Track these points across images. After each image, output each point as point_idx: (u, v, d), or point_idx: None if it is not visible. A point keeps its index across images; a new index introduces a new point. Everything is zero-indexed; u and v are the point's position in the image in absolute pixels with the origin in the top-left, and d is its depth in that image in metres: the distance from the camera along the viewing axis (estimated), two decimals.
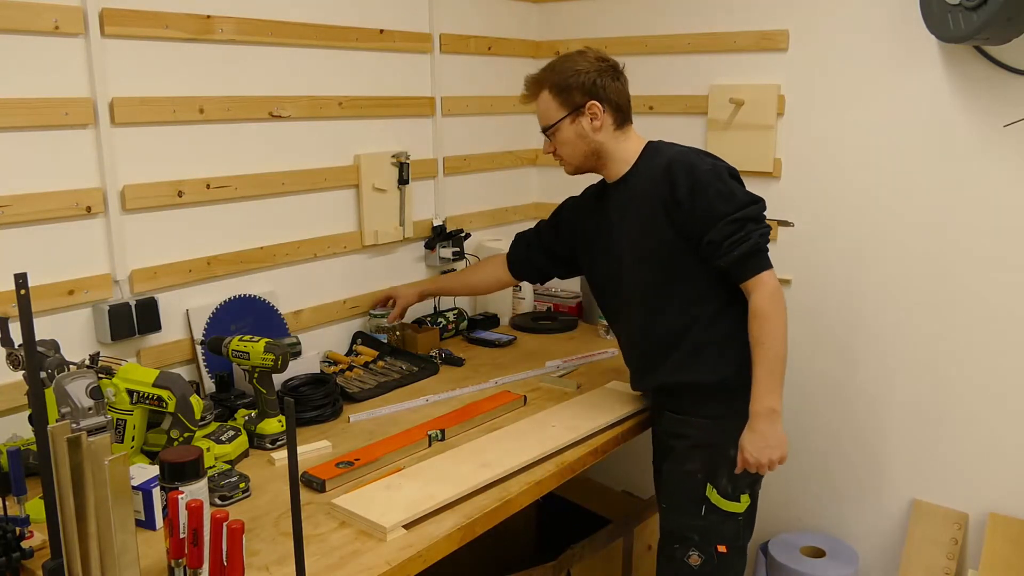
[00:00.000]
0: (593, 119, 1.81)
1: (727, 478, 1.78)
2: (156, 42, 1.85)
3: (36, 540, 1.36)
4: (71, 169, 1.74)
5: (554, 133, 1.85)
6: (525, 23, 2.86)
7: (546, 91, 1.84)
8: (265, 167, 2.10)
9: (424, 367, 2.26)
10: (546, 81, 1.84)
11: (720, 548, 1.80)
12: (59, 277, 1.74)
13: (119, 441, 1.62)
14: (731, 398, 1.77)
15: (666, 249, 1.78)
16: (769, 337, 1.69)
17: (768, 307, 1.70)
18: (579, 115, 1.81)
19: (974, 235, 2.14)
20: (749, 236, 1.69)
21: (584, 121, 1.81)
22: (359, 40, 2.28)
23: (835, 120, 2.31)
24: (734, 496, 1.79)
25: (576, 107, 1.81)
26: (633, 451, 2.25)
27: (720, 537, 1.80)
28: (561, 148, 1.87)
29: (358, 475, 1.64)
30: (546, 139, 1.90)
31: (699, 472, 1.80)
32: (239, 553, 1.14)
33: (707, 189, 1.70)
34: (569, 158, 1.88)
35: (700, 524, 1.80)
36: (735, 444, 1.76)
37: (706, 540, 1.80)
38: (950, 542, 2.21)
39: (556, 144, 1.87)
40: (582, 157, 1.87)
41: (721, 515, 1.79)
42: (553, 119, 1.84)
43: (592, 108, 1.80)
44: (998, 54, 2.03)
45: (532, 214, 3.00)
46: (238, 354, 1.79)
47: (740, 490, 1.80)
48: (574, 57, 1.83)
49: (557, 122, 1.83)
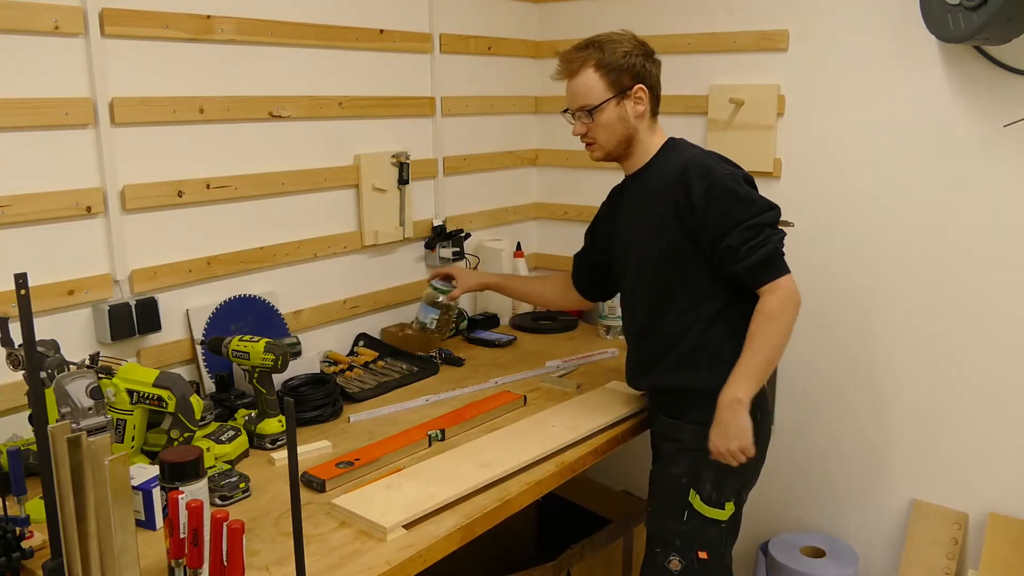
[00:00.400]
0: (637, 103, 1.77)
1: (711, 484, 1.77)
2: (156, 42, 1.85)
3: (36, 540, 1.36)
4: (71, 169, 1.74)
5: (596, 114, 1.78)
6: (525, 23, 2.86)
7: (591, 69, 1.76)
8: (265, 167, 2.10)
9: (424, 367, 2.26)
10: (591, 59, 1.76)
11: (701, 554, 1.78)
12: (59, 277, 1.74)
13: (119, 441, 1.62)
14: None
15: (672, 251, 1.76)
16: (766, 337, 1.67)
17: (777, 310, 1.68)
18: (624, 98, 1.76)
19: (974, 235, 2.14)
20: (768, 241, 1.67)
21: (628, 105, 1.77)
22: (359, 40, 2.28)
23: (835, 120, 2.31)
24: (718, 503, 1.77)
25: (623, 89, 1.76)
26: (633, 451, 2.25)
27: (701, 543, 1.78)
28: (598, 131, 1.80)
29: (358, 475, 1.64)
30: (578, 120, 1.82)
31: (684, 477, 1.78)
32: (239, 553, 1.14)
33: (724, 193, 1.68)
34: (604, 142, 1.81)
35: (682, 529, 1.79)
36: None
37: (687, 545, 1.79)
38: (950, 542, 2.21)
39: (593, 126, 1.80)
40: (616, 142, 1.81)
41: (703, 521, 1.78)
42: (598, 99, 1.76)
43: (639, 92, 1.76)
44: (998, 54, 2.03)
45: (532, 214, 3.00)
46: (238, 354, 1.79)
47: (724, 497, 1.78)
48: (616, 38, 1.78)
49: (603, 103, 1.76)
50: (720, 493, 1.77)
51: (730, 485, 1.78)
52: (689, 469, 1.78)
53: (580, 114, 1.81)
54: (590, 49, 1.77)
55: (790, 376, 2.49)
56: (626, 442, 1.93)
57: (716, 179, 1.69)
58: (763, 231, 1.68)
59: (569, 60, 1.79)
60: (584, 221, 2.89)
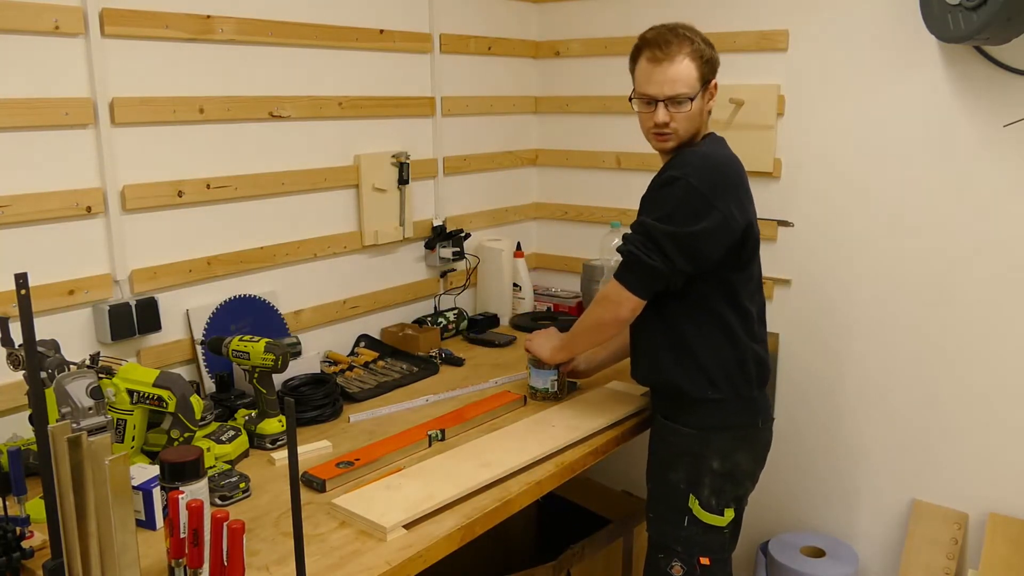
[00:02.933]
0: (711, 98, 1.77)
1: (710, 490, 1.76)
2: (156, 42, 1.85)
3: (36, 540, 1.36)
4: (71, 169, 1.74)
5: (689, 103, 1.71)
6: (525, 23, 2.86)
7: (688, 57, 1.70)
8: (265, 167, 2.10)
9: (424, 367, 2.26)
10: (688, 46, 1.70)
11: (703, 560, 1.78)
12: (59, 277, 1.74)
13: (119, 441, 1.62)
14: (717, 409, 1.75)
15: None
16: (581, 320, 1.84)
17: (594, 304, 1.78)
18: (706, 90, 1.74)
19: (974, 235, 2.14)
20: (637, 247, 1.67)
21: (707, 97, 1.75)
22: (359, 40, 2.28)
23: (835, 120, 2.31)
24: (717, 510, 1.76)
25: (707, 82, 1.74)
26: (633, 451, 2.24)
27: (703, 549, 1.78)
28: (681, 121, 1.72)
29: (358, 475, 1.64)
30: (661, 107, 1.72)
31: (682, 482, 1.77)
32: (239, 553, 1.14)
33: (657, 189, 1.71)
34: (684, 132, 1.74)
35: (683, 535, 1.78)
36: (719, 457, 1.75)
37: (689, 552, 1.78)
38: (950, 542, 2.21)
39: (679, 116, 1.72)
40: (692, 132, 1.76)
41: (703, 527, 1.77)
42: (694, 89, 1.71)
43: (714, 87, 1.76)
44: (998, 54, 2.03)
45: (532, 214, 3.00)
46: (238, 354, 1.79)
47: (724, 504, 1.77)
48: (689, 26, 1.75)
49: (696, 94, 1.71)
50: (719, 499, 1.76)
51: (730, 491, 1.77)
52: (687, 474, 1.77)
53: (670, 102, 1.72)
54: (684, 37, 1.71)
55: (790, 377, 2.49)
56: (626, 442, 1.93)
57: (667, 176, 1.69)
58: (645, 235, 1.67)
59: (669, 43, 1.70)
60: (584, 221, 2.90)
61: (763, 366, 1.81)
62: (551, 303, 2.85)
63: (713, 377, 1.74)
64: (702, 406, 1.76)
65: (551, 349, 1.97)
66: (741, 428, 1.78)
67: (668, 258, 1.66)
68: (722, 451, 1.75)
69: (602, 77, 2.74)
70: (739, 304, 1.75)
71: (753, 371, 1.77)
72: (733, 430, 1.77)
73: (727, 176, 1.71)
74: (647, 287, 1.70)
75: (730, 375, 1.75)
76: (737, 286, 1.75)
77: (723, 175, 1.71)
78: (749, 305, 1.78)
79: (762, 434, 1.83)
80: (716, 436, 1.75)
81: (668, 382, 1.79)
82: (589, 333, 1.85)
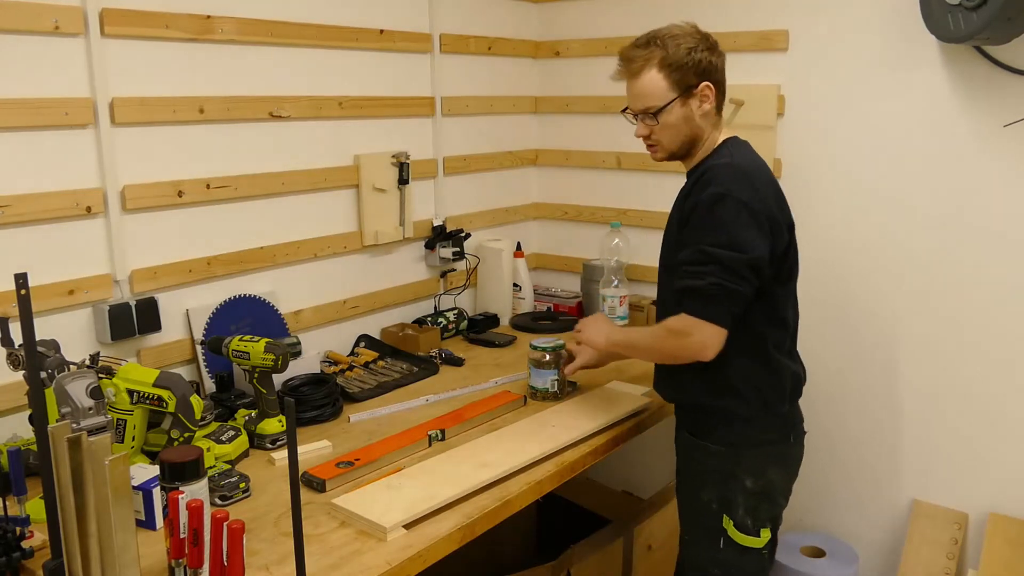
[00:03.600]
0: (703, 102, 1.66)
1: (744, 510, 1.68)
2: (156, 42, 1.85)
3: (36, 540, 1.36)
4: (71, 169, 1.74)
5: (661, 116, 1.65)
6: (525, 23, 2.86)
7: (654, 68, 1.64)
8: (265, 167, 2.10)
9: (424, 367, 2.26)
10: (654, 57, 1.64)
11: None
12: (59, 277, 1.74)
13: (119, 441, 1.62)
14: (748, 425, 1.68)
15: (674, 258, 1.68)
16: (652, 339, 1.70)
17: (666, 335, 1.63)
18: (689, 97, 1.64)
19: (974, 235, 2.14)
20: (703, 276, 1.56)
21: (693, 103, 1.65)
22: (359, 40, 2.28)
23: (835, 120, 2.31)
24: (753, 530, 1.68)
25: (688, 88, 1.64)
26: (633, 451, 2.25)
27: (741, 572, 1.70)
28: (662, 132, 1.68)
29: (358, 475, 1.64)
30: (639, 121, 1.71)
31: (714, 502, 1.70)
32: (239, 553, 1.14)
33: (708, 211, 1.58)
34: (668, 144, 1.69)
35: (720, 558, 1.70)
36: (752, 475, 1.67)
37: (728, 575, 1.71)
38: (950, 542, 2.21)
39: (657, 128, 1.68)
40: (680, 143, 1.69)
41: (739, 549, 1.69)
42: (662, 100, 1.64)
43: (704, 90, 1.65)
44: (998, 54, 2.03)
45: (532, 214, 3.00)
46: (238, 354, 1.79)
47: (760, 524, 1.69)
48: (677, 32, 1.66)
49: (667, 104, 1.64)
50: (755, 519, 1.69)
51: (765, 511, 1.70)
52: (719, 494, 1.69)
53: (643, 116, 1.69)
54: (652, 47, 1.65)
55: None
56: (626, 442, 1.93)
57: (712, 195, 1.58)
58: (709, 263, 1.56)
59: (630, 59, 1.67)
60: (584, 221, 2.90)
61: (798, 380, 1.75)
62: (551, 303, 2.85)
63: (743, 392, 1.66)
64: (731, 422, 1.68)
65: (606, 338, 1.84)
66: (773, 444, 1.71)
67: (748, 281, 1.56)
68: (754, 469, 1.68)
69: (602, 77, 2.71)
70: (779, 318, 1.69)
71: (788, 386, 1.71)
72: (765, 447, 1.70)
73: (765, 183, 1.65)
74: (734, 315, 1.58)
75: (761, 390, 1.67)
76: (780, 299, 1.69)
77: (762, 183, 1.63)
78: (789, 318, 1.72)
79: (795, 449, 1.77)
80: (747, 453, 1.68)
81: (695, 399, 1.73)
82: (650, 355, 1.76)
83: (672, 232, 1.72)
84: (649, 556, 2.36)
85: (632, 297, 2.61)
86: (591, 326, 1.89)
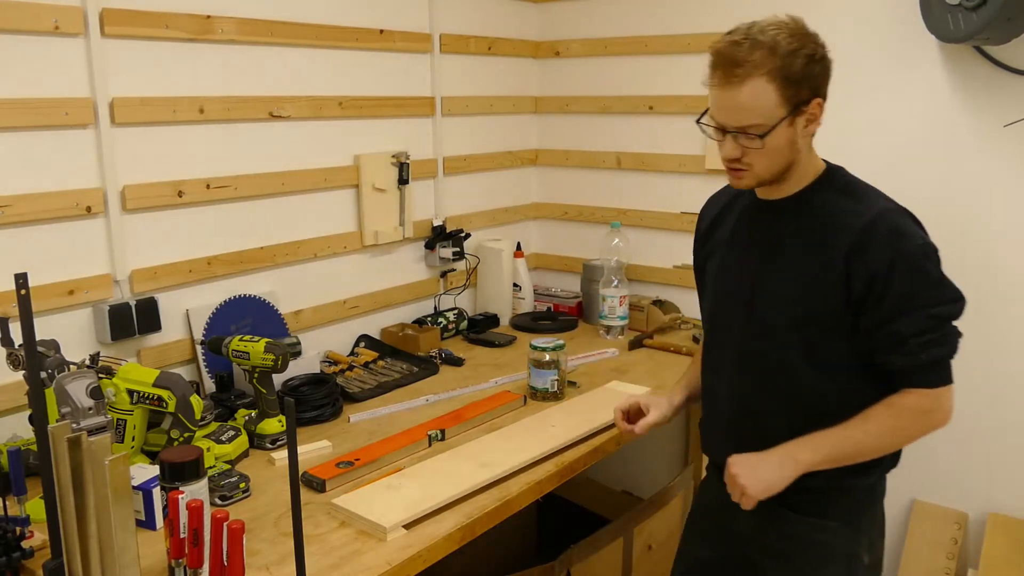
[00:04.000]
0: (811, 122, 1.36)
1: None
2: (156, 42, 1.85)
3: (36, 540, 1.36)
4: (71, 169, 1.74)
5: (765, 137, 1.33)
6: (525, 23, 2.86)
7: (763, 78, 1.30)
8: (265, 167, 2.10)
9: (424, 367, 2.26)
10: (764, 65, 1.29)
11: None
12: (59, 277, 1.74)
13: (119, 441, 1.62)
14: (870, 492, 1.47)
15: (820, 314, 1.38)
16: (881, 431, 1.37)
17: (917, 415, 1.36)
18: (798, 115, 1.33)
19: (973, 235, 2.14)
20: (946, 341, 1.34)
21: (800, 123, 1.35)
22: (359, 40, 2.28)
23: (835, 120, 2.29)
24: None
25: (798, 105, 1.33)
26: (633, 451, 2.25)
27: None
28: (759, 156, 1.35)
29: (358, 475, 1.64)
30: (729, 139, 1.36)
31: None
32: (239, 553, 1.14)
33: (915, 270, 1.34)
34: (762, 170, 1.38)
35: None
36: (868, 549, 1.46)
37: None
38: (950, 542, 2.21)
39: (754, 150, 1.35)
40: (776, 170, 1.38)
41: None
42: (771, 120, 1.31)
43: (815, 108, 1.35)
44: (998, 54, 2.03)
45: (532, 214, 3.00)
46: (238, 354, 1.79)
47: None
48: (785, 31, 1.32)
49: (776, 124, 1.32)
50: None
51: None
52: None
53: (739, 134, 1.34)
54: (762, 50, 1.30)
55: None
56: (626, 442, 1.93)
57: (908, 250, 1.34)
58: (944, 326, 1.34)
59: (734, 63, 1.31)
60: (584, 221, 2.91)
61: None
62: (551, 303, 2.85)
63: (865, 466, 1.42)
64: (852, 491, 1.44)
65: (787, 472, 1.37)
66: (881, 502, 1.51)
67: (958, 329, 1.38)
68: (871, 541, 1.47)
69: (602, 77, 2.74)
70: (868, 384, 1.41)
71: None
72: (878, 507, 1.49)
73: None
74: None
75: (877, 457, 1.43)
76: None
77: None
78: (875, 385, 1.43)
79: None
80: (867, 524, 1.47)
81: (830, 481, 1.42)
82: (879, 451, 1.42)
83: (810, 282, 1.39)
84: (649, 556, 2.36)
85: (632, 297, 2.61)
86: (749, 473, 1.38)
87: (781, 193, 1.45)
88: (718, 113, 1.36)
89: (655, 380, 2.14)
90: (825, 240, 1.38)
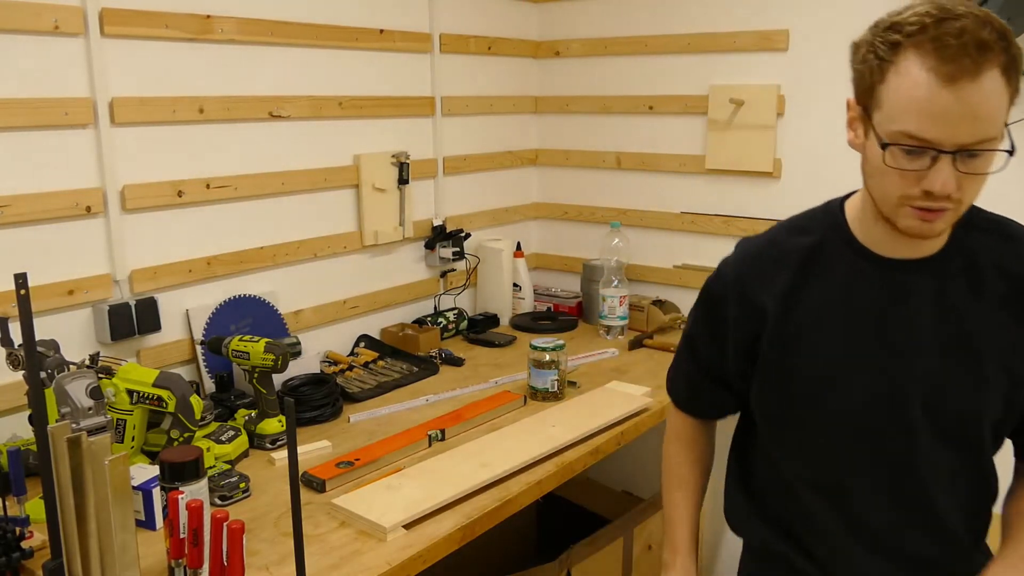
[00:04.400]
0: None
1: None
2: (156, 42, 1.85)
3: (36, 540, 1.36)
4: (71, 169, 1.74)
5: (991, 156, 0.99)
6: (525, 23, 2.86)
7: (998, 70, 0.95)
8: (265, 167, 2.10)
9: (424, 367, 2.26)
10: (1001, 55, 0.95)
11: None
12: (59, 277, 1.74)
13: (119, 441, 1.62)
14: None
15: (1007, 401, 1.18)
16: None
17: None
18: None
19: None
20: None
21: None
22: (359, 40, 2.28)
23: (835, 120, 2.31)
24: None
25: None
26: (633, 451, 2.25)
27: None
28: (974, 185, 1.01)
29: (358, 475, 1.64)
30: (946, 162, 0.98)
31: None
32: (239, 553, 1.14)
33: None
34: (969, 202, 1.04)
35: None
36: None
37: None
38: None
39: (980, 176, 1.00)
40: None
41: None
42: (1002, 129, 0.98)
43: None
44: None
45: (532, 214, 3.00)
46: (238, 354, 1.79)
47: None
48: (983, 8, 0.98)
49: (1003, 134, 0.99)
50: None
51: None
52: None
53: (970, 154, 0.98)
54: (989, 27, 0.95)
55: None
56: (626, 442, 1.93)
57: None
58: None
59: (984, 45, 0.94)
60: (584, 221, 2.91)
61: None
62: (551, 303, 2.85)
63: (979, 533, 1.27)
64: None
65: None
66: None
67: None
68: None
69: (602, 77, 2.74)
70: None
71: None
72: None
73: None
74: None
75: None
76: None
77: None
78: None
79: None
80: None
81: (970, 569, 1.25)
82: None
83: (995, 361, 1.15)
84: (649, 556, 2.36)
85: (632, 297, 2.61)
86: None
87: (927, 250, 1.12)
88: (935, 125, 0.96)
89: (655, 380, 2.14)
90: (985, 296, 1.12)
